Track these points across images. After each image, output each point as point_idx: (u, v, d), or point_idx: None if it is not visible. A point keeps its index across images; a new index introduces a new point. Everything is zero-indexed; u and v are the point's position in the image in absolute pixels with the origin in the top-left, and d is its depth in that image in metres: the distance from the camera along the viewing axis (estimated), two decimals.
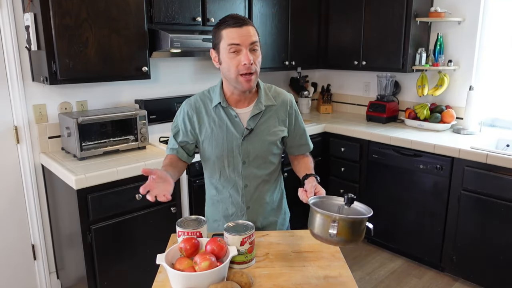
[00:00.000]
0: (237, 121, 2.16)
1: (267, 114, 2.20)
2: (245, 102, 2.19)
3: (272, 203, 2.33)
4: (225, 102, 2.16)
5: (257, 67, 2.04)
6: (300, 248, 2.00)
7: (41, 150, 3.47)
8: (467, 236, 3.73)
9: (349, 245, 1.74)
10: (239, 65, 1.99)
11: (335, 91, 5.64)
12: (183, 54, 4.03)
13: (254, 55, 2.01)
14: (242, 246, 1.78)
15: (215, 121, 2.18)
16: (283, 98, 2.27)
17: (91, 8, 3.11)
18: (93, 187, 2.96)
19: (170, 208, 3.38)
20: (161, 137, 3.97)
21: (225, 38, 1.99)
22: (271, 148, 2.21)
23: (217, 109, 2.18)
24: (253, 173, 2.21)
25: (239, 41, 1.96)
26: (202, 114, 2.21)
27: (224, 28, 2.00)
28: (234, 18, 2.00)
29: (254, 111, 2.16)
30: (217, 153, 2.19)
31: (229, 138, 2.17)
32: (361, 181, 4.52)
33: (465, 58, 4.36)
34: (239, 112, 2.18)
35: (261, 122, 2.18)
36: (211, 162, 2.24)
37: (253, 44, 1.99)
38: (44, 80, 3.10)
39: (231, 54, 1.99)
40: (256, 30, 2.04)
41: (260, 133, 2.18)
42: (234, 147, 2.17)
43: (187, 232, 1.85)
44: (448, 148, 3.71)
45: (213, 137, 2.18)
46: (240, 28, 1.96)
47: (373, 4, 4.51)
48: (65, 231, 3.35)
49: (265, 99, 2.19)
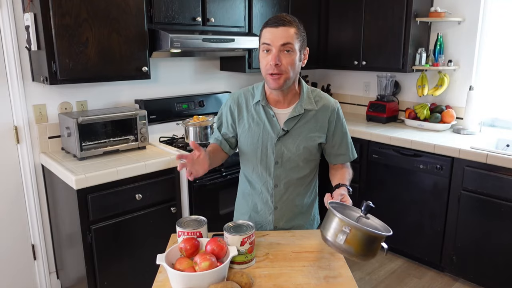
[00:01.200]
0: (274, 121, 2.17)
1: (306, 118, 2.18)
2: (284, 103, 2.19)
3: (301, 207, 2.32)
4: (264, 101, 2.18)
5: (288, 69, 2.01)
6: (300, 248, 2.00)
7: (41, 150, 3.47)
8: (467, 236, 3.73)
9: (356, 259, 1.69)
10: (267, 64, 2.02)
11: (335, 91, 5.64)
12: (183, 54, 4.03)
13: (285, 57, 1.99)
14: (242, 246, 1.78)
15: (254, 117, 2.20)
16: (325, 103, 2.23)
17: (91, 8, 3.11)
18: (93, 187, 2.96)
19: (170, 208, 3.38)
20: (161, 137, 3.98)
21: (262, 37, 2.04)
22: (305, 153, 2.19)
23: (257, 106, 2.21)
24: (284, 175, 2.21)
25: (270, 41, 1.98)
26: (243, 109, 2.24)
27: (264, 27, 2.04)
28: (275, 18, 2.01)
29: (293, 113, 2.15)
30: (251, 149, 2.22)
31: (265, 137, 2.18)
32: (361, 181, 4.52)
33: (465, 58, 4.36)
34: (277, 112, 2.18)
35: (298, 126, 2.17)
36: (246, 155, 2.26)
37: (285, 46, 1.97)
38: (44, 80, 3.10)
39: (263, 53, 2.04)
40: (297, 32, 2.02)
41: (296, 136, 2.17)
42: (269, 146, 2.18)
43: (187, 232, 1.85)
44: (448, 148, 3.71)
45: (250, 133, 2.21)
46: (275, 29, 1.98)
47: (373, 4, 4.51)
48: (65, 231, 3.35)
49: (306, 103, 2.18)
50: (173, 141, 3.93)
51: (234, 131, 2.28)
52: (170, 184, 3.39)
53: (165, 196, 3.37)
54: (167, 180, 3.36)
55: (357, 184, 4.54)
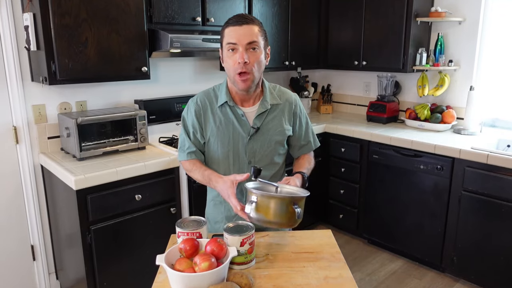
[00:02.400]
0: (244, 120, 2.17)
1: (273, 113, 2.22)
2: (250, 101, 2.20)
3: None
4: (231, 101, 2.17)
5: (255, 67, 2.03)
6: (300, 249, 2.00)
7: (41, 150, 3.47)
8: (467, 237, 3.73)
9: (274, 226, 1.80)
10: (234, 63, 2.01)
11: (335, 91, 5.65)
12: (183, 54, 4.04)
13: (252, 55, 2.01)
14: (242, 246, 1.78)
15: (221, 120, 2.19)
16: (288, 97, 2.30)
17: (91, 8, 3.11)
18: (93, 188, 2.97)
19: (170, 209, 3.39)
20: (161, 138, 3.98)
21: (225, 36, 2.03)
22: (277, 148, 2.23)
23: (223, 108, 2.19)
24: None
25: (235, 40, 1.98)
26: (208, 112, 2.22)
27: (226, 27, 2.03)
28: (237, 17, 2.02)
29: (260, 109, 2.17)
30: (223, 152, 2.20)
31: (236, 137, 2.18)
32: (361, 182, 4.52)
33: (465, 58, 4.37)
34: (245, 111, 2.19)
35: (267, 121, 2.20)
36: (216, 161, 2.24)
37: (251, 44, 1.99)
38: (43, 80, 3.10)
39: (229, 53, 2.03)
40: (260, 30, 2.04)
41: (266, 132, 2.19)
42: (240, 147, 2.18)
43: (187, 233, 1.85)
44: (448, 149, 3.72)
45: (219, 135, 2.19)
46: (240, 27, 1.98)
47: (374, 3, 4.51)
48: (65, 232, 3.36)
49: (270, 98, 2.21)
50: (172, 142, 3.93)
51: (203, 137, 2.24)
52: (170, 184, 3.39)
53: (165, 197, 3.37)
54: (167, 181, 3.37)
55: (357, 185, 4.54)
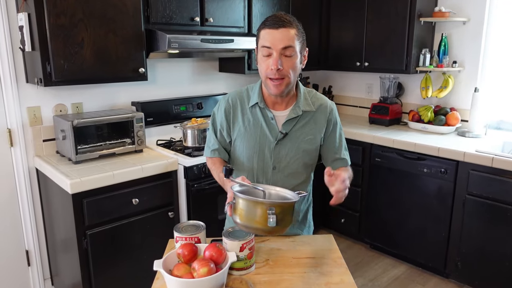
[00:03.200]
0: (272, 123, 2.14)
1: (304, 120, 2.17)
2: (282, 105, 2.16)
3: (297, 214, 2.30)
4: (263, 103, 2.15)
5: (289, 73, 1.99)
6: (301, 254, 2.00)
7: (36, 153, 3.47)
8: (472, 242, 3.73)
9: (249, 231, 1.77)
10: (267, 68, 1.99)
11: (336, 93, 5.65)
12: (181, 55, 4.04)
13: (286, 61, 1.97)
14: (241, 252, 1.78)
15: (250, 120, 2.17)
16: (323, 103, 2.22)
17: (87, 8, 3.11)
18: (89, 191, 2.96)
19: (168, 213, 3.39)
20: (158, 140, 3.97)
21: (261, 39, 2.00)
22: (304, 157, 2.18)
23: (253, 109, 2.17)
24: (282, 181, 2.15)
25: (270, 44, 1.95)
26: (238, 111, 2.20)
27: (262, 28, 2.00)
28: (274, 18, 1.97)
29: (291, 115, 2.13)
30: (248, 154, 2.18)
31: (262, 140, 2.15)
32: (364, 185, 4.52)
33: (470, 59, 4.37)
34: (276, 114, 2.16)
35: (297, 128, 2.15)
36: (240, 163, 2.22)
37: (286, 49, 1.95)
38: (38, 82, 3.11)
39: (263, 56, 2.00)
40: (298, 32, 1.99)
41: (295, 139, 2.15)
42: (266, 150, 2.15)
43: (185, 238, 1.85)
44: (452, 152, 3.72)
45: (246, 137, 2.17)
46: (276, 30, 1.94)
47: (376, 3, 4.52)
48: (60, 237, 3.36)
49: (303, 104, 2.16)
50: (170, 144, 3.92)
51: (230, 136, 2.24)
52: (168, 188, 3.39)
53: (163, 201, 3.37)
54: (165, 184, 3.37)
55: (359, 188, 4.54)
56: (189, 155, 3.52)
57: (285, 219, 1.74)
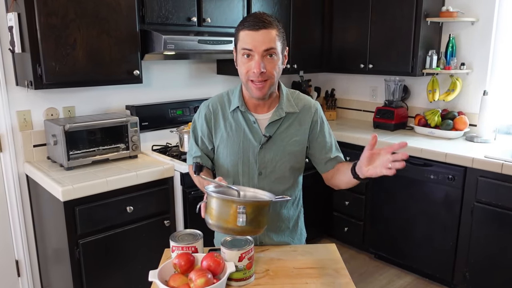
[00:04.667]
0: (255, 127, 2.14)
1: (288, 122, 2.17)
2: (264, 107, 2.17)
3: (287, 221, 2.28)
4: (244, 106, 2.15)
5: (272, 74, 2.00)
6: (302, 264, 2.00)
7: (26, 159, 3.48)
8: (481, 251, 3.73)
9: (219, 231, 1.76)
10: (249, 71, 1.98)
11: (339, 96, 5.66)
12: (178, 57, 4.05)
13: (269, 63, 1.97)
14: (240, 261, 1.78)
15: (232, 126, 2.17)
16: (306, 103, 2.22)
17: (79, 8, 3.12)
18: (81, 199, 2.97)
19: (164, 221, 3.39)
20: (154, 146, 3.98)
21: (240, 40, 2.00)
22: (291, 160, 2.17)
23: (235, 113, 2.17)
24: (269, 187, 2.13)
25: (251, 46, 1.94)
26: (219, 117, 2.20)
27: (241, 29, 1.99)
28: (254, 19, 1.97)
29: (273, 117, 2.13)
30: (232, 160, 2.17)
31: (246, 145, 2.15)
32: (368, 192, 4.53)
33: (479, 61, 4.38)
34: (258, 117, 2.16)
35: (281, 130, 2.15)
36: (225, 170, 2.21)
37: (268, 51, 1.95)
38: (28, 85, 3.11)
39: (244, 58, 2.00)
40: (278, 33, 1.99)
41: (280, 142, 2.15)
42: (251, 155, 2.14)
43: (181, 247, 1.85)
44: (460, 157, 3.72)
45: (229, 143, 2.17)
46: (256, 32, 1.93)
47: (380, 3, 4.53)
48: (51, 246, 3.36)
49: (286, 105, 2.16)
50: (166, 150, 3.93)
51: (212, 143, 2.24)
52: (164, 195, 3.39)
53: (158, 209, 3.38)
54: (160, 191, 3.37)
55: (363, 196, 4.54)
56: (186, 161, 3.51)
57: (257, 220, 1.73)
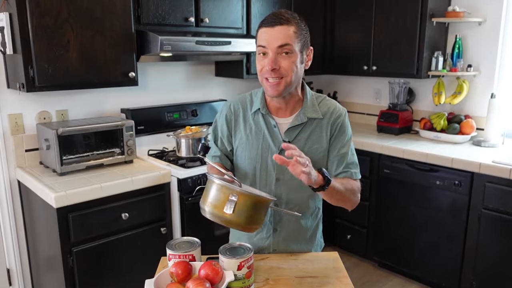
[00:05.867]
0: (275, 131, 2.13)
1: (310, 128, 2.14)
2: (286, 111, 2.15)
3: (304, 231, 2.26)
4: (265, 109, 2.14)
5: (288, 72, 1.98)
6: (304, 273, 2.00)
7: (17, 164, 3.48)
8: (488, 260, 3.73)
9: (210, 217, 1.79)
10: (263, 68, 1.99)
11: (342, 99, 5.66)
12: (175, 58, 4.05)
13: (284, 60, 1.96)
14: (239, 270, 1.78)
15: (252, 128, 2.17)
16: (331, 109, 2.18)
17: (73, 7, 3.13)
18: (75, 205, 2.97)
19: (160, 229, 3.39)
20: (150, 150, 3.99)
21: (257, 38, 2.02)
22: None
23: (256, 116, 2.17)
24: (286, 193, 2.14)
25: (265, 43, 1.96)
26: (240, 118, 2.21)
27: (260, 27, 2.01)
28: (272, 16, 1.98)
29: (294, 122, 2.12)
30: (249, 164, 2.17)
31: (265, 149, 2.14)
32: (371, 199, 4.53)
33: (486, 63, 4.38)
34: (279, 121, 2.15)
35: (302, 136, 2.13)
36: (243, 171, 2.21)
37: (282, 47, 1.95)
38: (20, 87, 3.11)
39: (259, 56, 2.01)
40: (297, 30, 1.98)
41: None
42: (269, 161, 2.14)
43: (178, 255, 1.85)
44: (467, 162, 3.72)
45: (248, 145, 2.17)
46: (271, 28, 1.95)
47: (385, 2, 4.54)
48: (44, 254, 3.36)
49: (309, 110, 2.14)
50: (163, 155, 3.94)
51: (231, 144, 2.24)
52: (160, 202, 3.40)
53: (154, 215, 3.38)
54: (157, 198, 3.38)
55: (367, 202, 4.55)
56: (183, 166, 3.52)
57: (248, 215, 1.74)
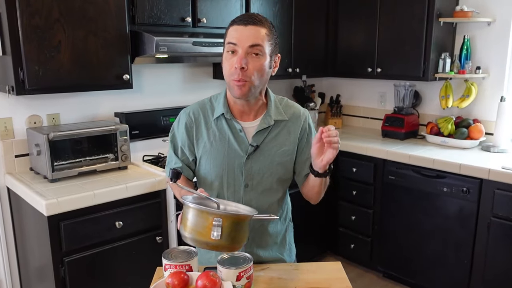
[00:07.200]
0: (241, 136, 2.14)
1: (276, 130, 2.18)
2: (250, 115, 2.17)
3: (275, 236, 2.29)
4: (229, 114, 2.15)
5: (255, 75, 1.99)
6: (306, 284, 2.00)
7: (7, 170, 3.48)
8: (498, 270, 3.73)
9: (194, 244, 1.77)
10: (231, 67, 1.99)
11: (345, 103, 5.67)
12: (171, 60, 4.06)
13: (253, 61, 1.97)
14: (238, 281, 1.79)
15: (216, 135, 2.16)
16: (295, 111, 2.24)
17: (64, 7, 3.13)
18: (67, 213, 2.96)
19: (156, 238, 3.39)
20: (145, 156, 3.99)
21: (227, 35, 2.02)
22: (280, 171, 2.18)
23: (219, 121, 2.17)
24: (256, 199, 2.16)
25: (236, 40, 1.96)
26: (201, 126, 2.20)
27: (231, 25, 2.02)
28: (245, 15, 2.01)
29: (261, 125, 2.14)
30: (215, 172, 2.17)
31: (231, 156, 2.14)
32: (376, 206, 4.53)
33: (495, 65, 4.39)
34: (244, 125, 2.16)
35: (268, 139, 2.16)
36: (208, 184, 2.21)
37: (253, 47, 1.95)
38: (10, 90, 3.11)
39: (228, 54, 2.01)
40: (269, 33, 2.00)
41: (268, 152, 2.15)
42: (236, 167, 2.15)
43: (175, 265, 1.85)
44: (476, 169, 3.73)
45: (212, 153, 2.16)
46: (244, 27, 1.96)
47: (389, 2, 4.55)
48: (34, 264, 3.36)
49: (275, 113, 2.17)
50: (158, 160, 3.94)
51: (193, 154, 2.23)
52: (156, 209, 3.40)
53: (150, 224, 3.38)
54: (152, 205, 3.38)
55: (371, 210, 4.54)
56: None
57: (234, 235, 1.73)
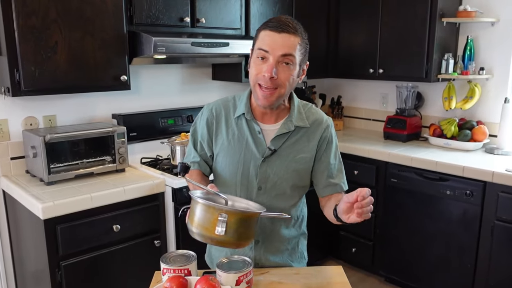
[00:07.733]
0: (260, 138, 2.15)
1: (296, 136, 2.17)
2: (272, 118, 2.17)
3: (287, 242, 2.28)
4: (250, 114, 2.15)
5: (284, 84, 2.00)
6: None
7: (2, 173, 3.48)
8: (502, 274, 3.73)
9: (200, 239, 1.77)
10: (259, 73, 1.99)
11: (347, 104, 5.68)
12: (169, 61, 4.06)
13: (283, 70, 1.98)
14: (238, 285, 1.78)
15: (235, 133, 2.18)
16: (318, 118, 2.23)
17: (61, 7, 3.13)
18: (63, 217, 2.96)
19: (154, 241, 3.39)
20: (143, 158, 3.99)
21: (259, 40, 2.02)
22: (295, 178, 2.17)
23: (239, 121, 2.18)
24: (268, 203, 2.13)
25: (268, 47, 1.96)
26: (222, 122, 2.22)
27: (262, 29, 2.01)
28: (279, 21, 1.98)
29: (282, 130, 2.14)
30: (230, 171, 2.18)
31: (247, 157, 2.15)
32: (378, 210, 4.53)
33: (499, 66, 4.38)
34: (264, 128, 2.17)
35: (287, 145, 2.15)
36: (222, 180, 2.22)
37: (285, 57, 1.96)
38: (5, 91, 3.12)
39: (257, 60, 2.01)
40: (302, 42, 2.01)
41: (285, 157, 2.14)
42: (251, 168, 2.15)
43: (173, 269, 1.85)
44: (479, 171, 3.72)
45: (229, 151, 2.18)
46: (278, 34, 1.95)
47: (392, 2, 4.55)
48: (31, 268, 3.35)
49: (296, 118, 2.16)
50: (157, 163, 3.94)
51: (211, 149, 2.25)
52: (154, 213, 3.40)
53: (148, 227, 3.38)
54: (150, 209, 3.38)
55: (373, 213, 4.49)
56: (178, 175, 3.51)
57: (239, 231, 1.73)
